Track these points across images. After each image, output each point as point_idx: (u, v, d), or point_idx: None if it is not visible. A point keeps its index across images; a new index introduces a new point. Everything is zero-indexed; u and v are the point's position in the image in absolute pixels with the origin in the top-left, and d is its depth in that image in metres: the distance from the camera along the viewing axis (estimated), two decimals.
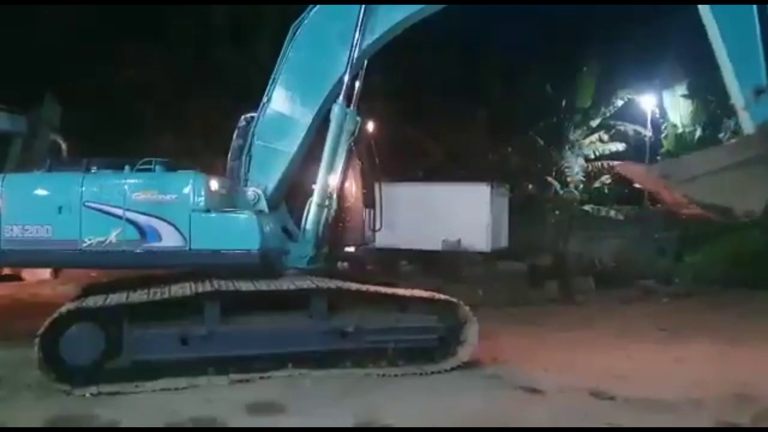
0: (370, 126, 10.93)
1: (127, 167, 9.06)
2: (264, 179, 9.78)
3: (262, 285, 8.64)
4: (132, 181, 8.85)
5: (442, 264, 17.41)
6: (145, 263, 9.04)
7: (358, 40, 9.47)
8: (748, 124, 8.14)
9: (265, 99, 9.89)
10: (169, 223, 8.65)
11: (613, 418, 7.09)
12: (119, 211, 8.65)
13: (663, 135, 25.13)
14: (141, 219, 8.66)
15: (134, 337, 8.14)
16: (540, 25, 26.30)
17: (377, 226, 10.45)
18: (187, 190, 8.73)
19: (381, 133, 11.80)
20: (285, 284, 8.79)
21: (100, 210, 8.69)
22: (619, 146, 24.84)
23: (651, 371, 9.27)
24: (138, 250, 8.66)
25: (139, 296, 8.30)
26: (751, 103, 8.01)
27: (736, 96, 8.13)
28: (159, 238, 8.66)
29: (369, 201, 10.32)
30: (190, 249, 8.63)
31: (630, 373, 9.12)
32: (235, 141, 9.94)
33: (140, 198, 8.70)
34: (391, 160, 10.74)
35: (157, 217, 8.66)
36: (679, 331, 12.32)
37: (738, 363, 9.71)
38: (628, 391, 8.00)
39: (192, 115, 20.89)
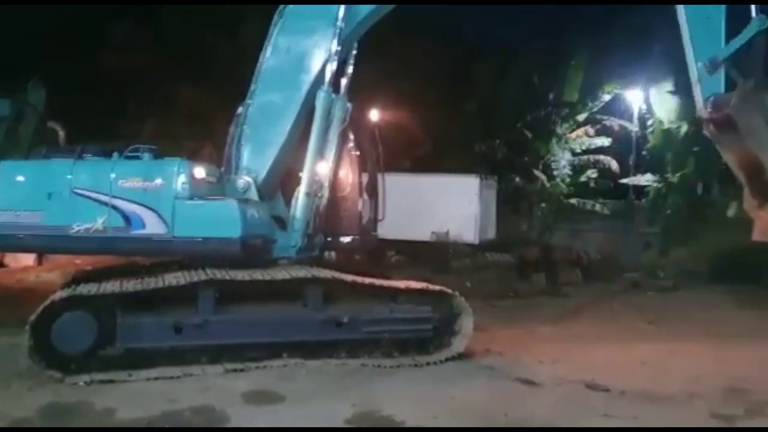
0: (375, 114, 10.86)
1: (115, 154, 9.01)
2: (255, 167, 9.70)
3: (257, 274, 8.58)
4: (118, 168, 8.80)
5: (430, 255, 17.41)
6: (130, 250, 9.08)
7: (342, 22, 9.38)
8: (698, 100, 8.37)
9: (253, 86, 9.79)
10: (153, 210, 8.62)
11: (612, 410, 7.13)
12: (105, 198, 8.63)
13: (649, 130, 25.24)
14: (126, 206, 8.63)
15: (127, 325, 8.05)
16: (529, 17, 26.32)
17: (380, 216, 10.42)
18: (171, 177, 8.68)
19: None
20: (280, 273, 8.73)
21: (87, 197, 8.67)
22: (605, 141, 24.90)
23: (642, 364, 9.33)
24: (123, 237, 8.61)
25: (133, 284, 8.22)
26: (703, 76, 8.27)
27: (692, 70, 8.38)
28: (143, 225, 8.62)
29: (371, 190, 10.26)
30: (172, 236, 8.58)
31: (622, 365, 9.18)
32: (233, 129, 9.82)
33: (126, 185, 8.68)
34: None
35: (141, 205, 8.63)
36: (667, 325, 12.47)
37: (728, 356, 9.80)
38: (622, 384, 8.04)
39: (178, 100, 20.65)
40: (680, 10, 8.49)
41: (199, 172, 8.98)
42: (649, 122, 25.06)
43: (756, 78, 8.03)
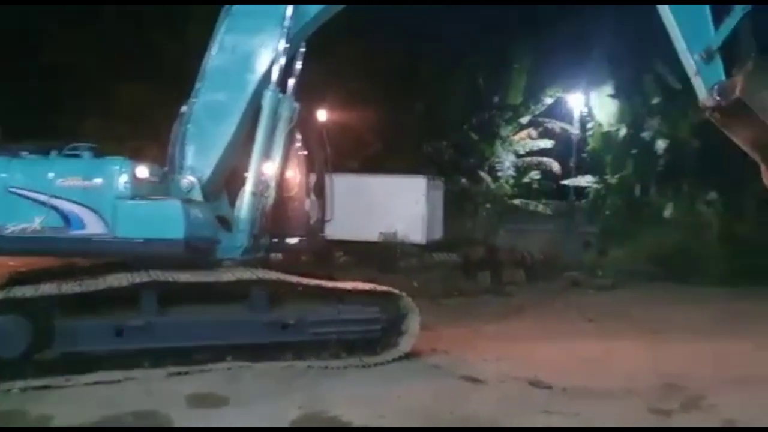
0: (323, 115, 10.83)
1: (53, 152, 8.77)
2: (200, 167, 9.50)
3: (201, 276, 8.45)
4: (57, 166, 8.55)
5: (377, 255, 17.46)
6: (69, 251, 8.77)
7: (290, 22, 9.31)
8: (701, 90, 8.52)
9: (198, 84, 9.63)
10: (93, 210, 8.40)
11: (554, 406, 7.28)
12: (43, 198, 8.36)
13: (589, 133, 25.92)
14: (65, 205, 8.38)
15: (65, 328, 7.82)
16: (474, 19, 26.65)
17: (327, 217, 10.38)
18: (112, 176, 8.47)
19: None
20: (224, 275, 8.62)
21: (24, 196, 8.38)
22: (548, 143, 25.45)
23: (583, 361, 9.54)
24: (62, 237, 8.37)
25: (72, 286, 7.97)
26: (702, 67, 8.43)
27: (689, 63, 8.53)
28: (82, 225, 8.40)
29: (318, 191, 10.22)
30: (113, 237, 8.39)
31: (563, 362, 9.38)
32: (176, 128, 9.63)
33: (65, 184, 8.42)
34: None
35: (81, 204, 8.39)
36: (606, 322, 12.83)
37: (663, 352, 10.14)
38: (564, 381, 8.20)
39: (120, 99, 20.16)
40: (665, 9, 8.66)
41: (142, 171, 8.76)
42: (589, 125, 25.76)
43: (753, 59, 8.26)
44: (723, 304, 14.97)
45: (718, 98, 8.43)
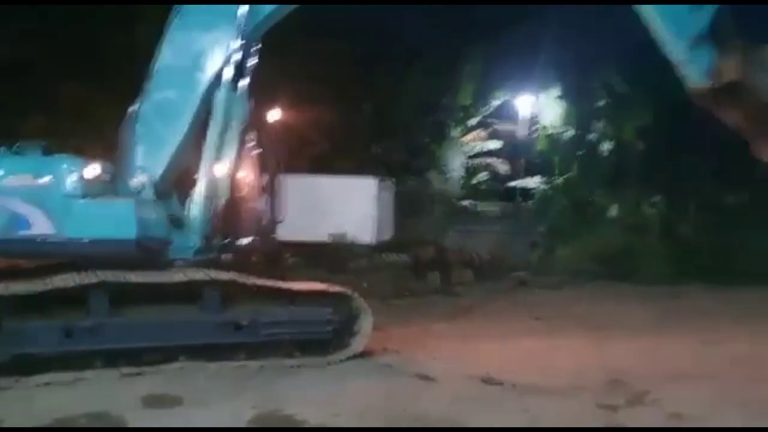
0: (275, 114, 10.82)
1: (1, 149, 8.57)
2: (151, 166, 9.40)
3: (152, 276, 8.38)
4: (2, 164, 8.38)
5: (327, 256, 17.49)
6: (16, 252, 8.60)
7: (244, 19, 9.29)
8: (692, 77, 8.65)
9: (148, 83, 9.51)
10: (42, 209, 8.26)
11: (504, 403, 7.47)
12: None
13: (536, 135, 26.43)
14: (11, 205, 8.21)
15: (13, 329, 7.65)
16: (426, 21, 26.81)
17: (279, 218, 10.39)
18: (61, 175, 8.36)
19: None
20: (176, 276, 8.57)
21: None
22: (497, 144, 25.85)
23: (531, 358, 9.77)
24: (8, 239, 8.21)
25: (19, 287, 7.81)
26: (690, 54, 8.60)
27: (677, 53, 8.65)
28: (30, 225, 8.24)
29: (270, 191, 10.22)
30: (63, 237, 8.27)
31: (512, 360, 9.56)
32: (127, 127, 9.50)
33: (11, 183, 8.27)
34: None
35: (28, 203, 8.24)
36: (553, 320, 13.12)
37: (608, 349, 10.42)
38: (513, 378, 8.40)
39: (66, 98, 19.67)
40: (645, 8, 8.73)
41: (92, 170, 8.65)
42: (537, 127, 26.27)
43: (737, 41, 8.45)
44: (665, 302, 15.51)
45: (711, 81, 8.62)
